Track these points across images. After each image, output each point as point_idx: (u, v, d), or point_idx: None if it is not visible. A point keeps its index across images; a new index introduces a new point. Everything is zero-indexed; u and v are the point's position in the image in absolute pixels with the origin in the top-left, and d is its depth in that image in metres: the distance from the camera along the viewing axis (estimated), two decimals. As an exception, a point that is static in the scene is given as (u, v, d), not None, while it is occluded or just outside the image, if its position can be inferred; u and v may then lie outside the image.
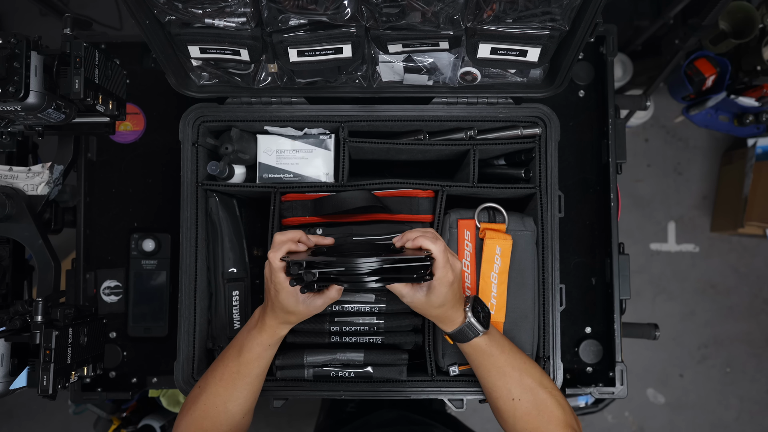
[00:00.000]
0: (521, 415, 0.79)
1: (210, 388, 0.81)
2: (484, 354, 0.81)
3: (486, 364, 0.82)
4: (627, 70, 1.96)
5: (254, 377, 0.82)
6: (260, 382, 0.83)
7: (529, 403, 0.79)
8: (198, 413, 0.80)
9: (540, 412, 0.79)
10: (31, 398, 2.08)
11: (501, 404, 0.81)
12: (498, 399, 0.81)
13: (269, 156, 0.98)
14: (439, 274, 0.74)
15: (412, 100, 0.95)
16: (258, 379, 0.82)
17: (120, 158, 1.10)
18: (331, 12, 0.76)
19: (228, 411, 0.80)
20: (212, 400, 0.80)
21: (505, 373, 0.81)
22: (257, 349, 0.80)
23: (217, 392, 0.81)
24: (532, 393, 0.80)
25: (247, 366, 0.81)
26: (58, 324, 0.82)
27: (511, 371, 0.81)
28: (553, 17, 0.78)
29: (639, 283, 2.20)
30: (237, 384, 0.81)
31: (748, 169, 2.06)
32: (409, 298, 0.76)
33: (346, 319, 0.92)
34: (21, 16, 2.25)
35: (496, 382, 0.81)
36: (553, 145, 0.94)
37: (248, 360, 0.80)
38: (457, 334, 0.80)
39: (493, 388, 0.82)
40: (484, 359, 0.82)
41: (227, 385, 0.81)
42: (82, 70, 0.79)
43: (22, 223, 0.87)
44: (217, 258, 0.97)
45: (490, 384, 0.82)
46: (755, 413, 2.19)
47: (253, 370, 0.81)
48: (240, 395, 0.81)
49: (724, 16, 1.61)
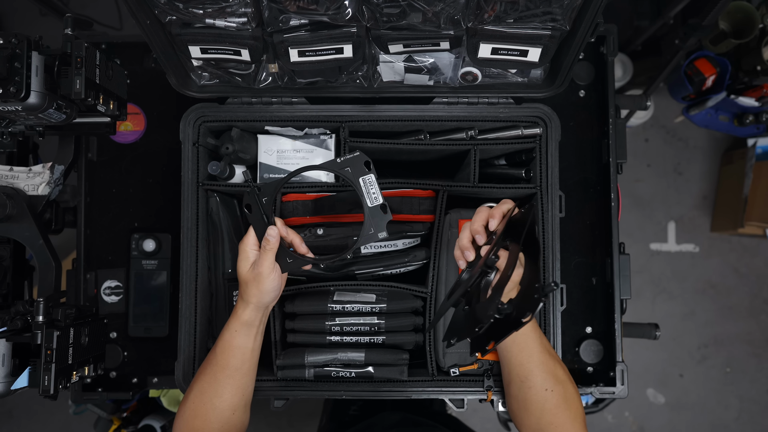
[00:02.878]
0: (551, 407, 0.78)
1: (195, 386, 0.82)
2: (531, 336, 0.80)
3: (530, 347, 0.80)
4: (627, 70, 1.96)
5: (233, 369, 0.81)
6: (243, 376, 0.82)
7: (560, 395, 0.78)
8: (188, 413, 0.80)
9: (569, 406, 0.78)
10: (32, 398, 2.08)
11: (533, 394, 0.79)
12: (531, 389, 0.80)
13: (270, 156, 0.98)
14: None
15: (413, 100, 0.95)
16: (239, 372, 0.81)
17: (120, 158, 1.10)
18: (332, 12, 0.76)
19: (216, 407, 0.80)
20: (199, 398, 0.81)
21: (545, 361, 0.80)
22: (226, 336, 0.81)
23: (202, 389, 0.81)
24: (563, 386, 0.79)
25: (221, 355, 0.81)
26: (59, 324, 0.82)
27: (548, 359, 0.80)
28: (554, 17, 0.78)
29: (639, 283, 2.20)
30: (218, 377, 0.81)
31: (748, 169, 2.06)
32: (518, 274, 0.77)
33: (346, 319, 0.92)
34: (21, 16, 2.25)
35: (534, 368, 0.80)
36: (554, 145, 0.94)
37: (222, 349, 0.81)
38: None
39: (530, 376, 0.80)
40: (529, 341, 0.80)
41: (210, 380, 0.81)
42: (83, 70, 0.79)
43: (22, 223, 0.87)
44: (217, 258, 0.97)
45: (527, 371, 0.80)
46: (755, 413, 2.19)
47: (228, 360, 0.81)
48: (224, 390, 0.80)
49: (724, 16, 1.61)
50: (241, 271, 0.81)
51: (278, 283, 0.82)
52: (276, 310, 0.93)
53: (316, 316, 0.92)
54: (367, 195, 0.81)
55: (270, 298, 0.81)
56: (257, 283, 0.79)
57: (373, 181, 0.81)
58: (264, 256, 0.79)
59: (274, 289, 0.81)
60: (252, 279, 0.79)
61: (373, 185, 0.81)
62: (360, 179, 0.81)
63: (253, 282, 0.79)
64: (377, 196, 0.81)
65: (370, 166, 0.82)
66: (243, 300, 0.81)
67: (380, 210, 0.81)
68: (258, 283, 0.79)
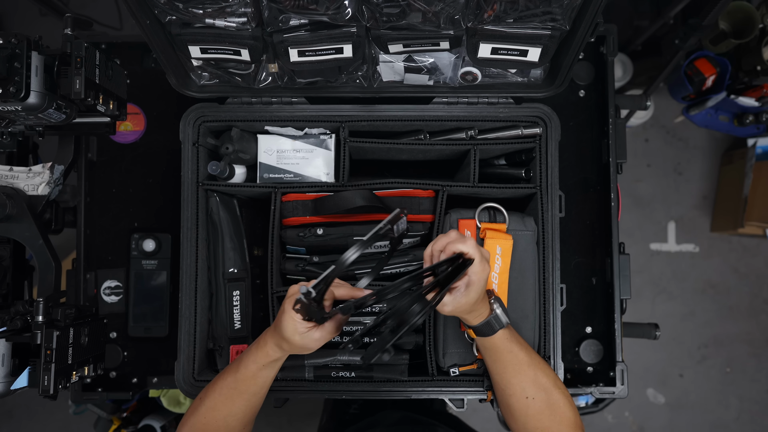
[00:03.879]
0: (534, 413, 0.79)
1: (209, 401, 0.81)
2: (504, 349, 0.81)
3: (504, 359, 0.81)
4: (627, 70, 1.96)
5: (251, 395, 0.81)
6: (259, 399, 0.83)
7: (543, 402, 0.79)
8: (198, 426, 0.80)
9: (553, 412, 0.78)
10: (32, 398, 2.08)
11: (514, 402, 0.80)
12: (511, 396, 0.81)
13: (270, 156, 0.98)
14: (477, 269, 0.73)
15: (413, 100, 0.95)
16: (256, 396, 0.81)
17: (120, 158, 1.10)
18: (332, 12, 0.76)
19: (228, 424, 0.80)
20: (212, 414, 0.80)
21: (521, 371, 0.80)
22: (252, 367, 0.80)
23: (215, 406, 0.81)
24: (546, 392, 0.79)
25: (244, 383, 0.80)
26: (59, 324, 0.82)
27: (527, 369, 0.80)
28: (554, 17, 0.78)
29: (639, 283, 2.20)
30: (235, 400, 0.80)
31: (748, 169, 2.06)
32: (450, 306, 0.74)
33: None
34: (21, 16, 2.25)
35: (511, 379, 0.81)
36: (554, 144, 0.94)
37: (245, 377, 0.80)
38: (483, 327, 0.79)
39: (508, 385, 0.81)
40: (503, 354, 0.81)
41: (225, 401, 0.80)
42: (83, 70, 0.79)
43: (22, 223, 0.87)
44: (217, 258, 0.97)
45: (505, 381, 0.81)
46: (755, 413, 2.19)
47: (249, 387, 0.80)
48: (238, 410, 0.80)
49: (724, 16, 1.61)
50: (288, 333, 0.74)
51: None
52: (276, 311, 0.93)
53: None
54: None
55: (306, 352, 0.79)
56: (300, 350, 0.77)
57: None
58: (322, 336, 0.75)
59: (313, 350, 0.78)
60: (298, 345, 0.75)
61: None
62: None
63: (298, 347, 0.76)
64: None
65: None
66: (280, 348, 0.78)
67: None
68: (302, 350, 0.77)
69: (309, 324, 0.73)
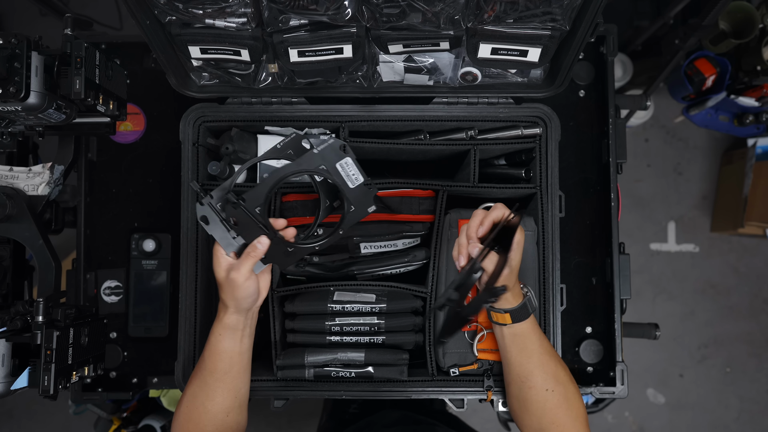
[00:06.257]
0: (551, 407, 0.79)
1: (188, 390, 0.82)
2: (533, 336, 0.81)
3: (530, 348, 0.81)
4: (627, 70, 1.96)
5: (222, 373, 0.80)
6: (233, 379, 0.82)
7: (561, 396, 0.79)
8: (182, 417, 0.80)
9: (570, 406, 0.78)
10: (32, 398, 2.08)
11: (533, 395, 0.80)
12: (532, 389, 0.80)
13: (270, 156, 0.97)
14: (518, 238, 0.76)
15: (413, 100, 0.95)
16: (228, 375, 0.81)
17: (120, 158, 1.10)
18: (332, 12, 0.76)
19: (208, 411, 0.80)
20: (192, 402, 0.81)
21: (545, 362, 0.80)
22: (211, 340, 0.81)
23: (194, 393, 0.81)
24: (564, 386, 0.79)
25: (210, 360, 0.80)
26: (59, 324, 0.82)
27: (549, 360, 0.80)
28: (554, 17, 0.78)
29: (639, 283, 2.20)
30: (207, 381, 0.80)
31: (748, 169, 2.06)
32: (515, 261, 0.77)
33: (346, 319, 0.92)
34: (21, 16, 2.25)
35: (534, 369, 0.80)
36: (554, 145, 0.94)
37: (209, 354, 0.81)
38: (519, 310, 0.80)
39: (530, 376, 0.80)
40: (531, 342, 0.81)
41: (200, 384, 0.81)
42: (83, 71, 0.79)
43: (22, 223, 0.87)
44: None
45: (527, 372, 0.81)
46: (755, 413, 2.19)
47: (216, 364, 0.80)
48: (215, 394, 0.80)
49: (724, 16, 1.61)
50: (216, 274, 0.79)
51: (254, 288, 0.79)
52: (276, 310, 0.93)
53: (315, 316, 0.92)
54: (347, 178, 0.80)
55: (248, 303, 0.80)
56: (231, 290, 0.78)
57: (350, 162, 0.78)
58: (243, 262, 0.77)
59: (251, 295, 0.79)
60: (227, 285, 0.78)
61: (351, 167, 0.78)
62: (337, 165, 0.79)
63: (228, 288, 0.78)
64: (357, 176, 0.79)
65: (345, 149, 0.79)
66: (223, 303, 0.79)
67: (363, 187, 0.79)
68: (232, 289, 0.77)
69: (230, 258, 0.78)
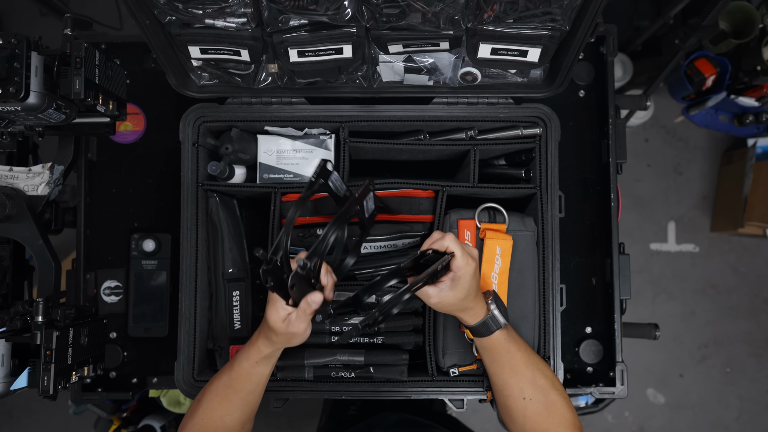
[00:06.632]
0: (531, 415, 0.79)
1: (206, 402, 0.81)
2: (502, 349, 0.81)
3: (502, 360, 0.81)
4: (627, 70, 1.96)
5: (247, 393, 0.81)
6: (256, 397, 0.83)
7: (540, 403, 0.79)
8: (196, 428, 0.80)
9: (550, 413, 0.78)
10: (32, 398, 2.08)
11: (511, 403, 0.80)
12: (509, 397, 0.81)
13: (269, 156, 0.97)
14: (460, 263, 0.74)
15: (413, 101, 0.95)
16: (252, 395, 0.81)
17: (120, 158, 1.10)
18: (332, 12, 0.76)
19: (226, 425, 0.80)
20: (209, 415, 0.80)
21: (519, 371, 0.80)
22: (245, 365, 0.80)
23: (212, 407, 0.81)
24: (543, 393, 0.79)
25: (238, 381, 0.80)
26: (59, 324, 0.82)
27: (524, 369, 0.80)
28: (554, 17, 0.78)
29: (639, 283, 2.20)
30: (231, 399, 0.80)
31: (748, 169, 2.06)
32: (435, 298, 0.76)
33: (346, 319, 0.92)
34: (21, 16, 2.25)
35: (508, 379, 0.81)
36: (554, 145, 0.94)
37: (239, 375, 0.80)
38: (479, 327, 0.80)
39: (505, 386, 0.81)
40: (500, 355, 0.81)
41: (222, 400, 0.81)
42: (83, 71, 0.79)
43: (22, 223, 0.87)
44: (217, 258, 0.97)
45: (503, 381, 0.81)
46: (755, 413, 2.19)
47: (245, 385, 0.80)
48: (235, 409, 0.81)
49: (724, 16, 1.61)
50: (272, 321, 0.75)
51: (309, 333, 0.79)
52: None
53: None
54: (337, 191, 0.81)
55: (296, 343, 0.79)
56: (288, 339, 0.77)
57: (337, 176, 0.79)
58: (302, 317, 0.75)
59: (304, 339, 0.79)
60: (284, 333, 0.76)
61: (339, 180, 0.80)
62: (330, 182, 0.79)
63: (285, 336, 0.76)
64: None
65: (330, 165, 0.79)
66: (269, 341, 0.78)
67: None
68: (290, 338, 0.77)
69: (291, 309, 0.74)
